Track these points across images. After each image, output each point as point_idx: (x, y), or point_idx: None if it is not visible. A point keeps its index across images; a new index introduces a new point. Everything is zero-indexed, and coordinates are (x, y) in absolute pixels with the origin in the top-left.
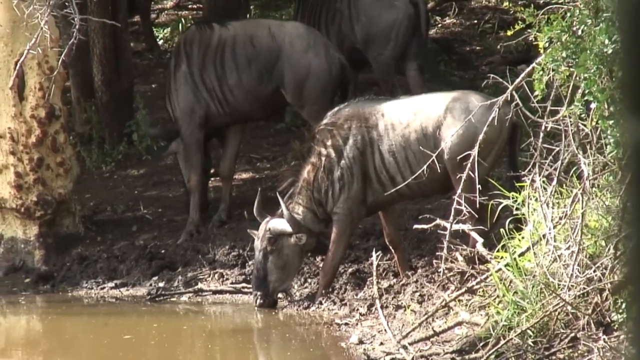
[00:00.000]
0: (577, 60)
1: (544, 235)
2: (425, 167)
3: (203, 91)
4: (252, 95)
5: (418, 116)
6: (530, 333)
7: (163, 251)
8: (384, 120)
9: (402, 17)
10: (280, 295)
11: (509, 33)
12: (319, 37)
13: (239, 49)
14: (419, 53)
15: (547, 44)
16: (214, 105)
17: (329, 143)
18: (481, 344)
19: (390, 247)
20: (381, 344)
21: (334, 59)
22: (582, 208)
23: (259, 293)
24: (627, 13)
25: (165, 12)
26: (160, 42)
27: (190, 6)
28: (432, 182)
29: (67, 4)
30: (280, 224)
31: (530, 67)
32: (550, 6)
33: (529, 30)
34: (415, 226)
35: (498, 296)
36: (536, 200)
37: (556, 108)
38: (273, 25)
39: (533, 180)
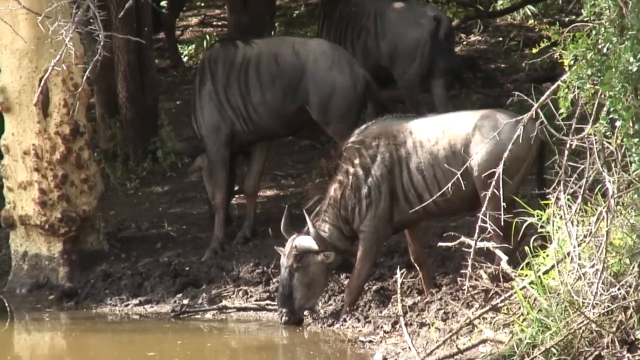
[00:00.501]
0: (602, 78)
1: (568, 253)
2: (451, 184)
3: (228, 109)
4: (276, 113)
5: (446, 134)
6: (555, 351)
7: (187, 268)
8: (412, 138)
9: (427, 35)
10: (305, 312)
11: (534, 51)
12: (343, 54)
13: (263, 67)
14: (444, 70)
15: (572, 62)
16: (239, 123)
17: (356, 161)
18: None
19: (416, 265)
20: None
21: (358, 76)
22: (607, 226)
23: (284, 310)
24: None
25: (190, 28)
26: (185, 59)
27: (214, 23)
28: (461, 199)
29: (91, 20)
30: (306, 242)
31: (555, 85)
32: (576, 24)
33: (554, 48)
34: (440, 244)
35: (522, 314)
36: (561, 218)
37: (581, 126)
38: (297, 43)
39: (558, 198)
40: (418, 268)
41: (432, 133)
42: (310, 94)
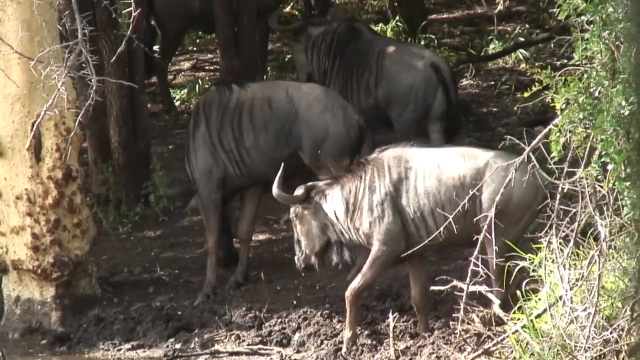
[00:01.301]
0: (594, 121)
1: (560, 297)
2: (452, 216)
3: (221, 152)
4: (269, 157)
5: (459, 164)
6: None
7: (179, 313)
8: (424, 163)
9: (421, 80)
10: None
11: (526, 94)
12: (336, 99)
13: (257, 112)
14: (442, 115)
15: (564, 106)
16: (232, 167)
17: (365, 177)
18: None
19: (415, 308)
20: None
21: (352, 121)
22: (599, 270)
23: (296, 257)
24: None
25: (183, 73)
26: (177, 103)
27: (207, 67)
28: (462, 232)
29: (84, 65)
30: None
31: (547, 129)
32: (567, 68)
33: (546, 92)
34: (432, 287)
35: (515, 358)
36: (553, 261)
37: (573, 169)
38: (290, 88)
39: (550, 242)
40: (417, 312)
41: (445, 161)
42: (303, 139)
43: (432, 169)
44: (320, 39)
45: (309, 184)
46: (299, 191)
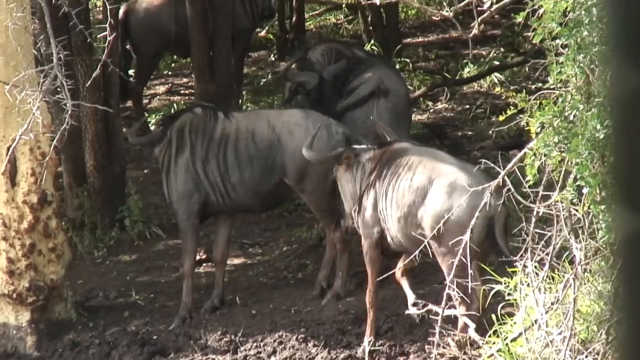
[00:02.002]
0: (569, 145)
1: (536, 321)
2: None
3: (205, 182)
4: (253, 191)
5: (420, 170)
6: None
7: (155, 337)
8: (406, 161)
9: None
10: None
11: (501, 118)
12: (318, 119)
13: (241, 147)
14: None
15: (539, 129)
16: (214, 197)
17: (355, 168)
18: None
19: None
20: None
21: (337, 136)
22: (574, 293)
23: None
24: (618, 99)
25: (158, 97)
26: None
27: (182, 91)
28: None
29: (59, 89)
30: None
31: (522, 152)
32: (542, 91)
33: (520, 116)
34: (407, 312)
35: None
36: (528, 285)
37: (548, 193)
38: (271, 117)
39: (525, 266)
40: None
41: (415, 166)
42: (287, 167)
43: (405, 170)
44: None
45: (350, 147)
46: (334, 152)
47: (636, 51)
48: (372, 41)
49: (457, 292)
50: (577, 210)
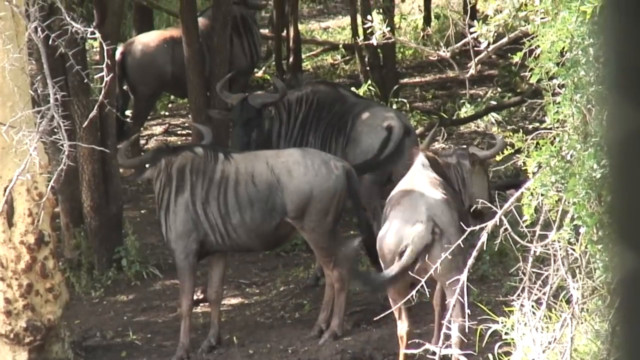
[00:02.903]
0: (566, 184)
1: None
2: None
3: (205, 223)
4: (255, 233)
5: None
6: None
7: None
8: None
9: (377, 142)
10: None
11: (498, 158)
12: (316, 156)
13: (241, 189)
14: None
15: (536, 169)
16: (214, 237)
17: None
18: None
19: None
20: None
21: (337, 170)
22: (572, 332)
23: None
24: (615, 139)
25: (155, 137)
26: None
27: (179, 132)
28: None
29: (56, 130)
30: None
31: (519, 192)
32: (539, 131)
33: (517, 155)
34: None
35: None
36: (525, 324)
37: (545, 232)
38: (270, 158)
39: (522, 305)
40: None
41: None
42: (287, 206)
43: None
44: (300, 101)
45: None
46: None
47: (633, 91)
48: (369, 81)
49: (456, 332)
50: (574, 250)
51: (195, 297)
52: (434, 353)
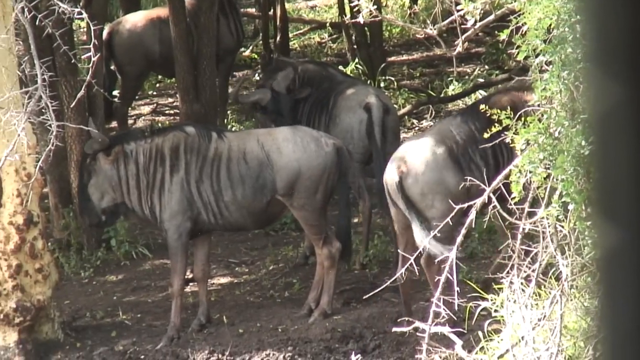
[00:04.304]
0: (554, 162)
1: (523, 337)
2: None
3: (198, 202)
4: (247, 210)
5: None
6: None
7: (142, 357)
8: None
9: (355, 121)
10: None
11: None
12: (306, 134)
13: (233, 166)
14: (361, 158)
15: (524, 146)
16: (207, 216)
17: None
18: None
19: None
20: None
21: (327, 147)
22: (561, 309)
23: None
24: (597, 113)
25: (143, 117)
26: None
27: (167, 111)
28: None
29: (44, 110)
30: None
31: (507, 170)
32: (527, 108)
33: (505, 133)
34: (394, 329)
35: None
36: (515, 302)
37: (534, 210)
38: (261, 135)
39: (511, 282)
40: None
41: None
42: (277, 184)
43: None
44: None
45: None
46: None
47: (614, 65)
48: (357, 60)
49: (444, 309)
50: (563, 227)
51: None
52: (423, 331)
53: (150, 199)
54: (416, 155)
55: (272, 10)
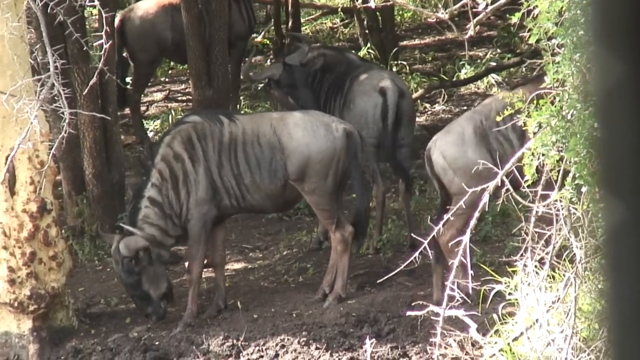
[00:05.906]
0: (567, 144)
1: (537, 320)
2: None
3: (221, 188)
4: (265, 193)
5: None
6: None
7: (157, 343)
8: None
9: (371, 105)
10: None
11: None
12: (317, 118)
13: (249, 149)
14: (376, 142)
15: (536, 129)
16: (229, 201)
17: None
18: None
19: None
20: None
21: (337, 132)
22: (575, 292)
23: None
24: (601, 91)
25: (155, 104)
26: (151, 135)
27: (179, 98)
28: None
29: (56, 98)
30: None
31: (520, 152)
32: (539, 91)
33: (518, 116)
34: (409, 313)
35: None
36: (529, 284)
37: (547, 192)
38: (274, 120)
39: (525, 265)
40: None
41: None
42: (288, 167)
43: None
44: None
45: None
46: None
47: (617, 43)
48: (369, 44)
49: (458, 293)
50: (576, 209)
51: None
52: (438, 314)
53: (179, 194)
54: (446, 130)
55: None
